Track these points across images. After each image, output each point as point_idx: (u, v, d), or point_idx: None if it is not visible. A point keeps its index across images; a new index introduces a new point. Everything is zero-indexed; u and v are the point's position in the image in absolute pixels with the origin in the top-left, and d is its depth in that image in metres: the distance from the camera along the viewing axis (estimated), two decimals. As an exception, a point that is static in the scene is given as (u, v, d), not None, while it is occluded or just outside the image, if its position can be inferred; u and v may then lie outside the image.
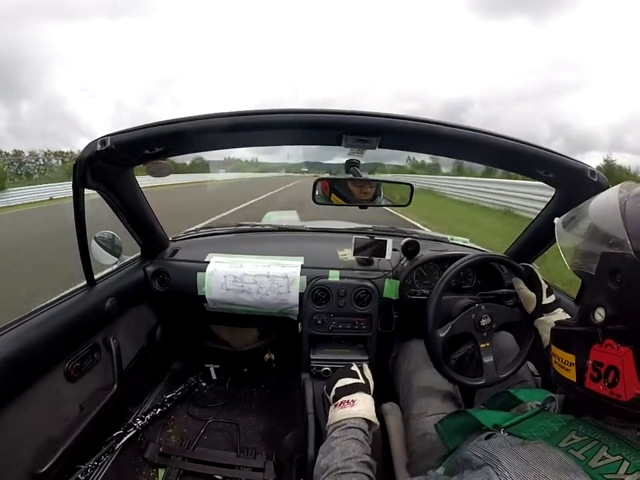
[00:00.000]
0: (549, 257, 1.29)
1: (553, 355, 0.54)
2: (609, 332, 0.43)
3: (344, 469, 0.60)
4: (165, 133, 0.82)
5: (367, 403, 0.74)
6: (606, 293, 0.44)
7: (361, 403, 0.72)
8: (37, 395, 0.86)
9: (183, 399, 1.57)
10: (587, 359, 0.45)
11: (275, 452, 1.33)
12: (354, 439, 0.66)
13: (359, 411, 0.71)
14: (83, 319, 1.00)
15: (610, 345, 0.42)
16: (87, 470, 0.99)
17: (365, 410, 0.71)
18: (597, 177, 0.85)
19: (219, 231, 1.64)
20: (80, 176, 0.86)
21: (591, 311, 0.46)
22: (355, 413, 0.70)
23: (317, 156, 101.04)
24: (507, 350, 1.03)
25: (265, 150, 10.64)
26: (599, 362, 0.44)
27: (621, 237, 0.43)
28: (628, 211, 0.44)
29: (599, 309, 0.44)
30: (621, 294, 0.42)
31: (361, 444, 0.66)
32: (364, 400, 0.74)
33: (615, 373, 0.42)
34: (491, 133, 0.81)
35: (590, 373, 0.45)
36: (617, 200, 0.46)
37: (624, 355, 0.41)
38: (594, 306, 0.45)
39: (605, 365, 0.43)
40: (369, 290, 1.27)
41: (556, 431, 0.50)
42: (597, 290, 0.46)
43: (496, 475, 0.42)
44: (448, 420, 0.76)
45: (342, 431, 0.68)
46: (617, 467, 0.40)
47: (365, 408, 0.72)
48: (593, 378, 0.45)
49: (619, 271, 0.42)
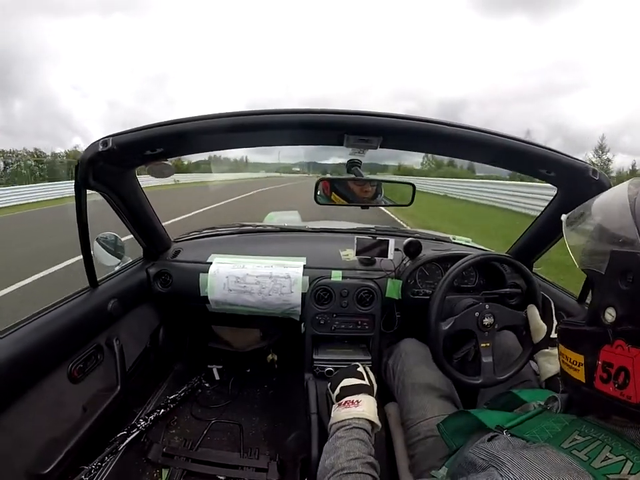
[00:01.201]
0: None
1: (561, 354, 0.53)
2: (619, 332, 0.42)
3: (349, 469, 0.60)
4: (167, 133, 0.82)
5: (370, 404, 0.74)
6: (617, 292, 0.43)
7: (365, 404, 0.73)
8: (41, 396, 0.86)
9: (186, 400, 1.57)
10: (597, 359, 0.44)
11: (278, 452, 1.33)
12: (358, 439, 0.66)
13: (363, 411, 0.71)
14: (86, 320, 1.01)
15: (621, 346, 0.41)
16: (90, 471, 0.99)
17: (368, 411, 0.72)
18: (598, 175, 0.84)
19: (221, 232, 1.64)
20: (82, 177, 0.87)
21: (601, 310, 0.44)
22: (360, 413, 0.71)
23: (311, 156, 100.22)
24: (508, 351, 1.03)
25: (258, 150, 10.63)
26: (608, 363, 0.43)
27: (632, 236, 0.42)
28: (638, 208, 0.43)
29: (610, 309, 0.43)
30: (633, 294, 0.41)
31: (365, 444, 0.66)
32: (368, 401, 0.74)
33: (625, 374, 0.41)
34: (493, 132, 0.81)
35: (600, 374, 0.44)
36: (627, 197, 0.45)
37: (635, 356, 0.40)
38: (604, 306, 0.44)
39: (615, 366, 0.42)
40: (372, 290, 1.27)
41: (558, 431, 0.50)
42: (607, 289, 0.44)
43: (500, 476, 0.42)
44: (450, 420, 0.76)
45: (346, 431, 0.68)
46: (620, 467, 0.39)
47: (368, 409, 0.72)
48: (602, 379, 0.44)
49: (630, 270, 0.41)
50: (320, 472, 0.64)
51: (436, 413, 0.92)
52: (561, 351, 0.54)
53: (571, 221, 0.55)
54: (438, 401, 0.96)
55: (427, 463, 0.85)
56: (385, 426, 1.10)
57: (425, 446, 0.88)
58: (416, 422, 0.94)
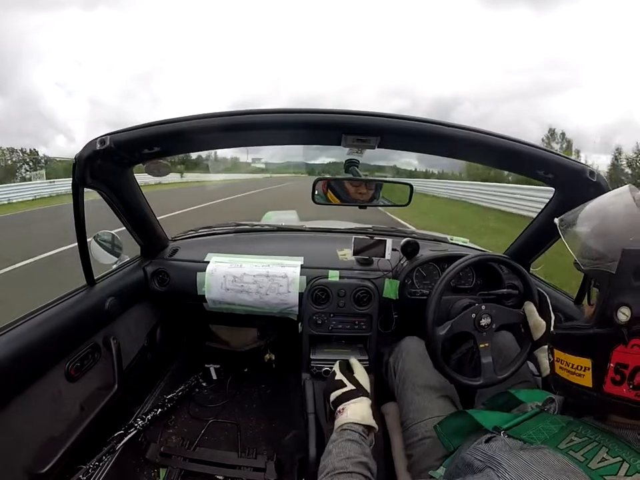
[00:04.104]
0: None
1: (558, 360, 0.52)
2: (635, 332, 0.41)
3: (340, 469, 0.62)
4: (165, 132, 0.82)
5: (354, 408, 0.76)
6: (630, 291, 0.42)
7: (349, 409, 0.76)
8: (38, 395, 0.86)
9: (184, 399, 1.57)
10: (608, 361, 0.43)
11: (275, 452, 1.33)
12: (349, 440, 0.68)
13: (347, 417, 0.74)
14: (83, 319, 1.00)
15: (637, 345, 0.41)
16: (88, 470, 0.99)
17: (352, 415, 0.74)
18: (596, 177, 0.85)
19: (219, 231, 1.64)
20: (79, 175, 0.86)
21: (612, 311, 0.43)
22: (345, 419, 0.74)
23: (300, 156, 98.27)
24: (506, 350, 1.03)
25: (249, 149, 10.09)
26: (622, 364, 0.42)
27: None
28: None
29: (623, 308, 0.42)
30: None
31: (357, 444, 0.67)
32: (351, 407, 0.77)
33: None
34: (491, 133, 0.81)
35: (611, 377, 0.43)
36: (632, 198, 0.46)
37: None
38: (616, 306, 0.43)
39: (631, 367, 0.41)
40: (369, 290, 1.27)
41: (555, 432, 0.50)
42: (619, 289, 0.43)
43: (497, 477, 0.42)
44: (447, 421, 0.76)
45: (338, 433, 0.71)
46: (616, 469, 0.40)
47: (352, 413, 0.75)
48: (614, 381, 0.43)
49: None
50: (318, 475, 0.66)
51: (435, 413, 0.92)
52: (558, 357, 0.52)
53: (567, 224, 0.55)
54: (438, 402, 0.97)
55: (425, 463, 0.85)
56: (382, 426, 1.11)
57: (423, 446, 0.89)
58: (414, 422, 0.94)
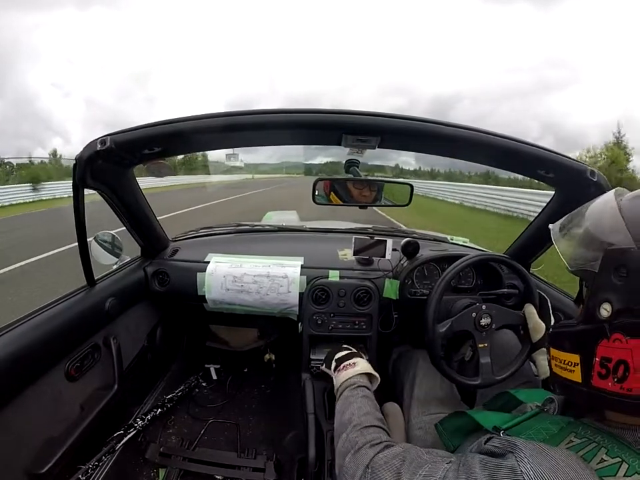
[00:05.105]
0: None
1: (553, 358, 0.54)
2: (616, 326, 0.43)
3: (366, 423, 0.67)
4: (165, 132, 0.82)
5: (364, 363, 0.87)
6: (611, 287, 0.44)
7: (360, 363, 0.86)
8: (38, 395, 0.86)
9: (184, 399, 1.57)
10: (594, 356, 0.45)
11: (275, 452, 1.33)
12: (365, 397, 0.75)
13: (361, 368, 0.84)
14: (83, 319, 1.00)
15: (619, 339, 0.42)
16: (87, 470, 0.99)
17: (366, 368, 0.85)
18: (596, 176, 0.85)
19: (219, 231, 1.64)
20: (80, 176, 0.86)
21: (596, 307, 0.46)
22: (358, 370, 0.83)
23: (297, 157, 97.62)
24: (506, 350, 1.03)
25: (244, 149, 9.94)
26: (606, 358, 0.44)
27: (622, 235, 0.44)
28: (627, 211, 0.46)
29: (605, 304, 0.45)
30: (627, 287, 0.43)
31: (370, 400, 0.75)
32: (362, 362, 0.88)
33: (624, 367, 0.41)
34: (491, 132, 0.81)
35: (597, 371, 0.45)
36: (615, 202, 0.48)
37: (633, 347, 0.41)
38: (599, 302, 0.45)
39: (614, 360, 0.43)
40: (369, 290, 1.27)
41: (555, 432, 0.50)
42: (601, 286, 0.46)
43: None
44: (448, 421, 0.76)
45: (352, 390, 0.78)
46: (616, 469, 0.40)
47: (365, 366, 0.85)
48: (600, 375, 0.44)
49: (624, 265, 0.43)
50: (337, 429, 0.71)
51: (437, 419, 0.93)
52: (553, 355, 0.54)
53: (561, 228, 0.58)
54: (443, 410, 0.97)
55: None
56: None
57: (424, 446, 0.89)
58: (416, 427, 0.96)
